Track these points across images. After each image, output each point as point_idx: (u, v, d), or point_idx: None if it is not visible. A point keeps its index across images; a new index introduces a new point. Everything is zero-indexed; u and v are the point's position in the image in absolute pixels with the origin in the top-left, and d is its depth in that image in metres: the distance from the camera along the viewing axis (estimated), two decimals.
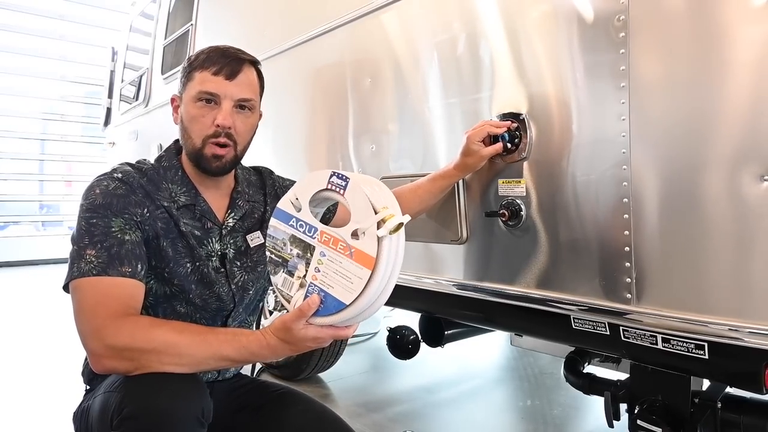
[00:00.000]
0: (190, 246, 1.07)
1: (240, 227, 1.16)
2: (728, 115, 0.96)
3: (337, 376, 2.66)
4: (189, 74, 1.09)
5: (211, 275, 1.10)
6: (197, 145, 1.07)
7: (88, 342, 0.91)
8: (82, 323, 0.92)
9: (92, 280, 0.94)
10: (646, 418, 1.14)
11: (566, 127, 1.20)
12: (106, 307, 0.92)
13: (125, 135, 4.10)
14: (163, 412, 0.85)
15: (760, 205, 0.92)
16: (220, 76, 1.06)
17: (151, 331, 0.91)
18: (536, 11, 1.26)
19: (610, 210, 1.12)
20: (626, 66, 1.08)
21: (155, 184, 1.08)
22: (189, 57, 1.12)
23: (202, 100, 1.06)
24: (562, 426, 2.11)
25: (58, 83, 8.25)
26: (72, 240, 0.99)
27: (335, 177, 0.88)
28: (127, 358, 0.89)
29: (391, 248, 0.83)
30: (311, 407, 1.15)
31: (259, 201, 1.22)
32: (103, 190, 1.00)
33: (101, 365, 0.91)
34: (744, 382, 1.05)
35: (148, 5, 3.88)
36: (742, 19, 0.94)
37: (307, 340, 0.89)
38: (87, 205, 0.99)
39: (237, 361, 0.95)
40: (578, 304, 1.19)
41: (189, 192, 1.11)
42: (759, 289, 0.94)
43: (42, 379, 2.72)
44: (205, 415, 0.90)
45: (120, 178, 1.03)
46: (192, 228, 1.09)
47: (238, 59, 1.10)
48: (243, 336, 0.93)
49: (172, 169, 1.11)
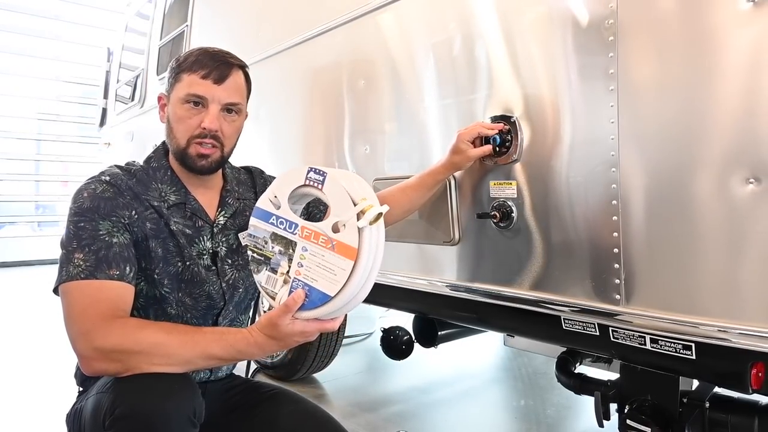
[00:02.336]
0: (181, 245, 1.08)
1: (231, 225, 1.17)
2: (715, 118, 0.97)
3: (332, 376, 2.66)
4: (177, 75, 1.09)
5: (202, 273, 1.10)
6: (182, 144, 1.09)
7: (78, 345, 0.92)
8: (72, 326, 0.93)
9: (81, 284, 0.94)
10: (636, 418, 1.15)
11: (557, 130, 1.21)
12: (95, 309, 0.93)
13: (121, 135, 4.10)
14: (155, 412, 0.85)
15: (746, 208, 0.93)
16: (209, 79, 1.07)
17: (139, 332, 0.92)
18: (527, 16, 1.27)
19: (599, 212, 1.13)
20: (615, 69, 1.09)
21: (144, 184, 1.08)
22: (177, 57, 1.12)
23: (189, 102, 1.07)
24: (555, 425, 2.12)
25: (54, 83, 8.23)
26: (61, 244, 0.99)
27: (312, 172, 0.90)
28: (116, 359, 0.90)
29: (372, 238, 0.85)
30: (304, 407, 1.15)
31: (250, 198, 1.23)
32: (91, 194, 1.01)
33: (91, 368, 0.92)
34: (730, 381, 1.06)
35: (143, 5, 3.89)
36: (730, 23, 0.95)
37: (294, 335, 0.90)
38: (75, 208, 1.00)
39: (225, 359, 0.96)
40: (568, 305, 1.20)
41: (179, 191, 1.11)
42: (746, 291, 0.95)
43: (36, 380, 2.71)
44: (197, 414, 0.91)
45: (108, 180, 1.04)
46: (183, 227, 1.10)
47: (227, 63, 1.10)
48: (230, 334, 0.94)
49: (161, 169, 1.12)
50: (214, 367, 1.18)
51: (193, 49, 1.12)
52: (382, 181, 1.66)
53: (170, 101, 1.11)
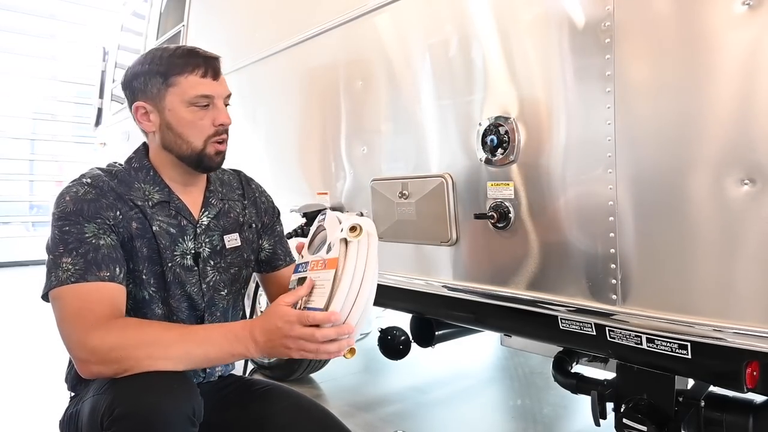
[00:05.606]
0: (164, 245, 1.07)
1: (215, 226, 1.16)
2: (711, 120, 0.98)
3: (329, 376, 2.67)
4: (167, 80, 1.06)
5: (183, 274, 1.10)
6: (198, 147, 1.08)
7: (75, 349, 0.92)
8: (67, 330, 0.93)
9: (72, 287, 0.94)
10: (632, 417, 1.16)
11: (554, 131, 1.22)
12: (91, 311, 0.93)
13: (117, 135, 4.08)
14: (155, 411, 0.85)
15: (741, 209, 0.94)
16: (209, 77, 1.07)
17: (139, 329, 0.93)
18: (524, 17, 1.28)
19: (596, 212, 1.14)
20: (612, 71, 1.10)
21: (127, 184, 1.07)
22: (149, 61, 1.07)
23: (195, 105, 1.06)
24: (551, 425, 2.13)
25: (49, 83, 8.19)
26: (47, 249, 0.98)
27: (321, 214, 1.01)
28: (115, 359, 0.89)
29: (355, 248, 0.88)
30: (299, 402, 1.15)
31: (234, 200, 1.22)
32: (73, 197, 1.00)
33: (89, 370, 0.91)
34: (726, 380, 1.07)
35: (139, 5, 3.87)
36: (725, 25, 0.96)
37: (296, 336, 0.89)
38: (59, 213, 0.99)
39: (224, 348, 0.94)
40: (565, 305, 1.21)
41: (162, 190, 1.10)
42: (741, 290, 0.96)
43: (30, 383, 2.70)
44: (197, 414, 0.90)
45: (89, 183, 1.03)
46: (168, 226, 1.09)
47: (214, 57, 1.10)
48: (231, 325, 0.98)
49: (143, 170, 1.11)
50: (211, 366, 1.18)
51: (163, 53, 1.08)
52: (379, 181, 1.66)
53: (167, 107, 1.07)
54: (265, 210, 1.28)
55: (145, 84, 1.07)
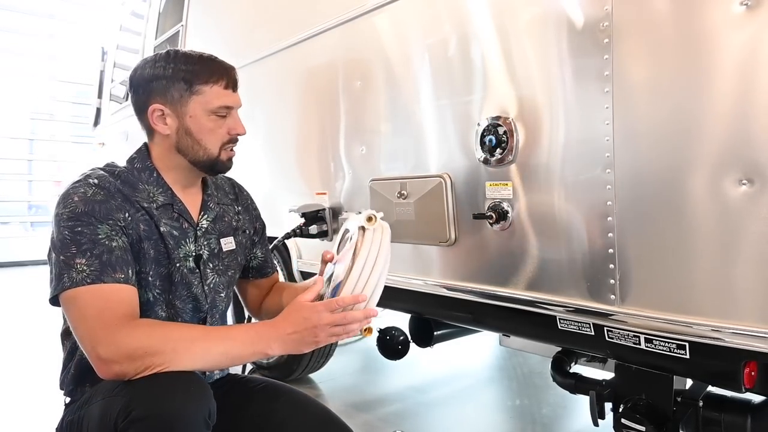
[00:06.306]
0: (170, 247, 1.08)
1: (213, 229, 1.18)
2: (709, 120, 0.98)
3: (328, 376, 2.66)
4: (192, 87, 1.06)
5: (188, 276, 1.10)
6: (214, 153, 1.11)
7: (99, 347, 0.90)
8: (88, 331, 0.91)
9: (90, 288, 0.93)
10: (631, 417, 1.16)
11: (552, 131, 1.22)
12: (112, 312, 0.92)
13: (115, 135, 4.08)
14: (174, 414, 0.85)
15: (739, 208, 0.94)
16: (230, 89, 1.10)
17: (164, 329, 0.95)
18: (523, 17, 1.28)
19: (594, 212, 1.14)
20: (610, 71, 1.10)
21: (131, 185, 1.07)
22: (172, 65, 1.06)
23: (217, 114, 1.09)
24: (550, 425, 2.13)
25: (48, 83, 8.18)
26: (54, 250, 0.96)
27: (345, 222, 1.12)
28: (139, 358, 0.88)
29: (374, 235, 0.99)
30: (297, 398, 1.16)
31: (227, 204, 1.24)
32: (82, 197, 0.98)
33: (111, 371, 0.90)
34: (724, 380, 1.07)
35: (138, 5, 3.87)
36: (724, 25, 0.96)
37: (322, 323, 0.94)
38: (68, 213, 0.96)
39: (246, 345, 0.96)
40: (564, 305, 1.21)
41: (165, 192, 1.11)
42: (739, 290, 0.96)
43: (27, 386, 2.69)
44: (211, 416, 0.91)
45: (96, 183, 1.02)
46: (171, 228, 1.09)
47: (231, 68, 1.12)
48: (257, 325, 1.02)
49: (146, 171, 1.11)
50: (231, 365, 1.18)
51: (186, 58, 1.08)
52: (378, 181, 1.66)
53: (187, 113, 1.07)
54: (256, 217, 1.32)
55: (167, 87, 1.06)
